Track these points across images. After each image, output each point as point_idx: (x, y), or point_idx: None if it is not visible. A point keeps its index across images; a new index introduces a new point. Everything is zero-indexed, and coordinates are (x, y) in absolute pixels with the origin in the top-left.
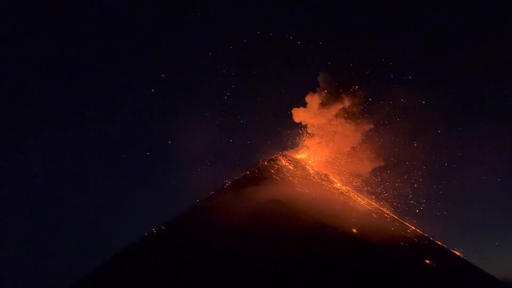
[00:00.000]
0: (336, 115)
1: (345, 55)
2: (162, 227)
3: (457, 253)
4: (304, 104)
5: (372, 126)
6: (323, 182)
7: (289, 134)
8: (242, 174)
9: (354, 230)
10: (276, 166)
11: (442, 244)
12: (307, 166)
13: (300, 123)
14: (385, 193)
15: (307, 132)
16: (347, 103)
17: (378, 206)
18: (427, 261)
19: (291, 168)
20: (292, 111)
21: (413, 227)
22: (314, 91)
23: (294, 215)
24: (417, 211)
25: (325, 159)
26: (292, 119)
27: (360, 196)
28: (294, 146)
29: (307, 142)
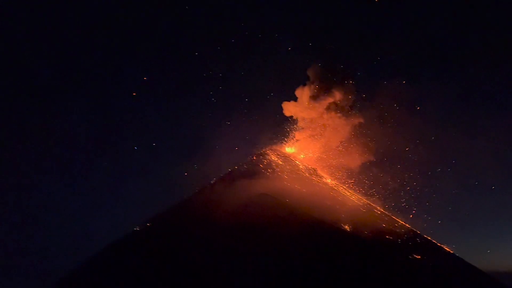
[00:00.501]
0: (327, 109)
1: (335, 48)
2: (148, 224)
3: (447, 249)
4: (295, 98)
5: (362, 120)
6: (312, 177)
7: (278, 128)
8: (230, 169)
9: (343, 225)
10: (265, 160)
11: (431, 239)
12: (296, 161)
13: (291, 117)
14: (374, 188)
15: (297, 126)
16: (338, 96)
17: (367, 201)
18: (417, 256)
19: (280, 162)
20: (283, 104)
21: (402, 222)
22: (304, 84)
23: (283, 210)
24: (406, 206)
25: (314, 153)
26: (281, 113)
27: (350, 191)
28: (283, 140)
29: (297, 136)
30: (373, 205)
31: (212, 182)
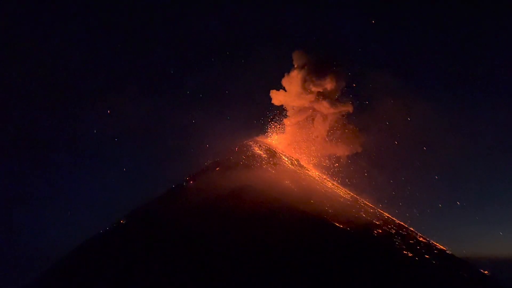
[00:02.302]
0: (316, 98)
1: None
2: (133, 214)
3: (439, 246)
4: (283, 88)
5: (351, 109)
6: (295, 168)
7: (261, 120)
8: (214, 161)
9: (327, 217)
10: (249, 152)
11: (414, 230)
12: (279, 152)
13: (276, 107)
14: (360, 180)
15: (281, 117)
16: (327, 85)
17: (352, 194)
18: (409, 254)
19: (263, 154)
20: (271, 94)
21: (387, 215)
22: (289, 72)
23: (266, 200)
24: (392, 199)
25: (298, 144)
26: (265, 104)
27: (335, 183)
28: (266, 132)
29: (280, 127)
30: (358, 197)
31: (195, 173)
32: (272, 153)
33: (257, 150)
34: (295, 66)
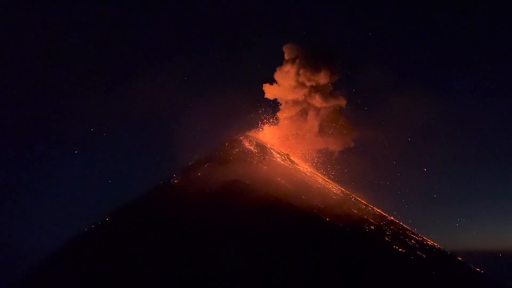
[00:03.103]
0: (309, 91)
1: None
2: (121, 209)
3: (430, 242)
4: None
5: (344, 103)
6: (285, 163)
7: (252, 115)
8: (204, 156)
9: (318, 213)
10: (239, 147)
11: (403, 224)
12: (269, 147)
13: (266, 102)
14: (350, 176)
15: (272, 111)
16: (321, 79)
17: (343, 189)
18: (400, 250)
19: (253, 149)
20: (264, 87)
21: (378, 210)
22: (286, 67)
23: (257, 196)
24: (382, 194)
25: (289, 139)
26: (255, 99)
27: (325, 177)
28: (256, 127)
29: (271, 121)
30: (349, 192)
31: (185, 168)
32: (263, 148)
33: (248, 145)
34: (287, 59)
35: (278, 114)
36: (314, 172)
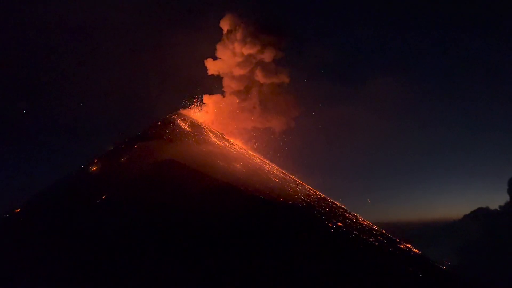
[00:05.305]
0: (253, 66)
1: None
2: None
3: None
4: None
5: (286, 80)
6: (221, 142)
7: (185, 92)
8: (136, 135)
9: (254, 192)
10: (172, 125)
11: (340, 204)
12: (203, 125)
13: (200, 80)
14: (285, 153)
15: (206, 89)
16: (265, 53)
17: (277, 167)
18: (330, 224)
19: (187, 128)
20: (206, 63)
21: (314, 190)
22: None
23: (191, 176)
24: (313, 170)
25: (223, 117)
26: (190, 75)
27: (263, 158)
28: (190, 105)
29: (205, 99)
30: (285, 171)
31: (117, 147)
32: (196, 126)
33: (181, 124)
34: (225, 31)
35: (206, 96)
36: (251, 152)
